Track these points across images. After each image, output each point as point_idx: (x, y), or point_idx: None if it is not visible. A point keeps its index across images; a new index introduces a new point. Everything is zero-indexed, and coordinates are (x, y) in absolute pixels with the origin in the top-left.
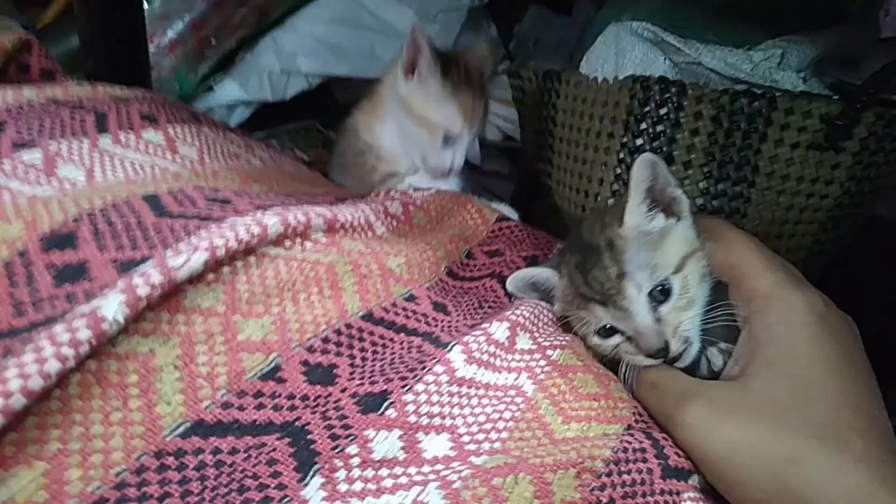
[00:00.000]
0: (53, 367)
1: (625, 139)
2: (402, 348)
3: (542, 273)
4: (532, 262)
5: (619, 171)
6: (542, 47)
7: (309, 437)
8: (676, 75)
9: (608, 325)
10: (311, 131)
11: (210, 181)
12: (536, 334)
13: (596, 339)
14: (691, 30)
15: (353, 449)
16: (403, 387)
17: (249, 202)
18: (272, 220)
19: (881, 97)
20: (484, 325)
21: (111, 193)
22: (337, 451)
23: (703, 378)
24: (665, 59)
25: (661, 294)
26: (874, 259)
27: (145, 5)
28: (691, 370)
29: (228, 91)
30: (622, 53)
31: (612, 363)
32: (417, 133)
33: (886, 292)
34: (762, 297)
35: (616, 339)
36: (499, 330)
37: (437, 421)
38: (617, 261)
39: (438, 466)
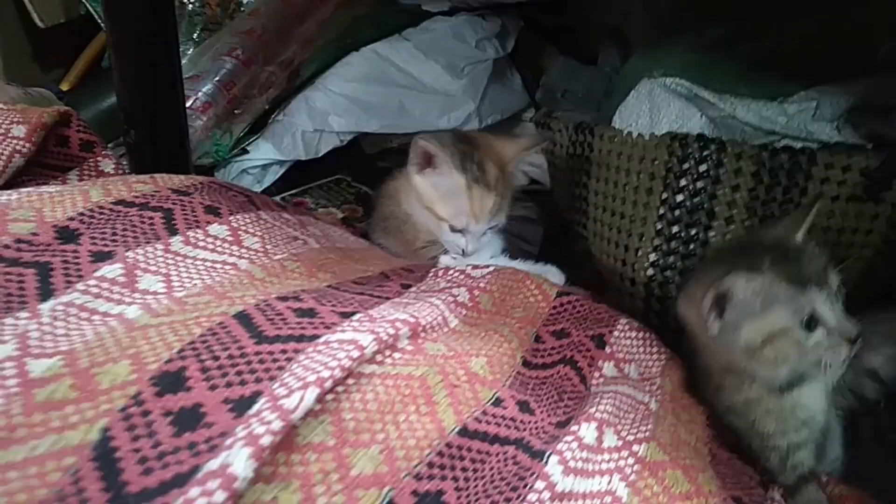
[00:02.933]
0: None
1: (665, 195)
2: (500, 461)
3: (756, 281)
4: (599, 340)
5: (659, 226)
6: (569, 97)
7: None
8: (713, 131)
9: (812, 318)
10: (342, 185)
11: (282, 280)
12: (620, 428)
13: (799, 335)
14: (724, 83)
15: None
16: None
17: (332, 309)
18: (367, 339)
19: None
20: (573, 428)
21: (203, 315)
22: None
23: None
24: (701, 115)
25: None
26: None
27: None
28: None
29: (263, 152)
30: (657, 109)
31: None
32: (428, 216)
33: None
34: None
35: (819, 333)
36: (588, 432)
37: None
38: (818, 256)
39: None
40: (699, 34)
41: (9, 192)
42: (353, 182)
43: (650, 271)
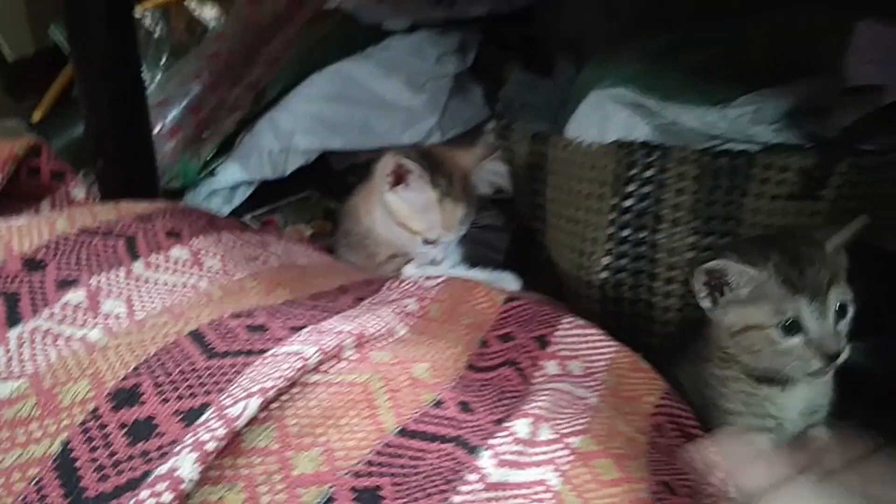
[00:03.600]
0: None
1: (614, 201)
2: (437, 458)
3: (739, 268)
4: (541, 341)
5: (611, 230)
6: (527, 109)
7: None
8: (658, 137)
9: (795, 323)
10: (311, 201)
11: (240, 298)
12: (556, 422)
13: (775, 335)
14: (668, 91)
15: None
16: (443, 500)
17: (283, 324)
18: (311, 351)
19: (853, 147)
20: (507, 424)
21: (159, 334)
22: None
23: None
24: (645, 122)
25: (840, 312)
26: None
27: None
28: None
29: (231, 173)
30: (605, 119)
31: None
32: (400, 232)
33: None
34: None
35: (797, 339)
36: (522, 427)
37: None
38: (829, 269)
39: None
40: (644, 45)
41: None
42: (321, 198)
43: (604, 274)
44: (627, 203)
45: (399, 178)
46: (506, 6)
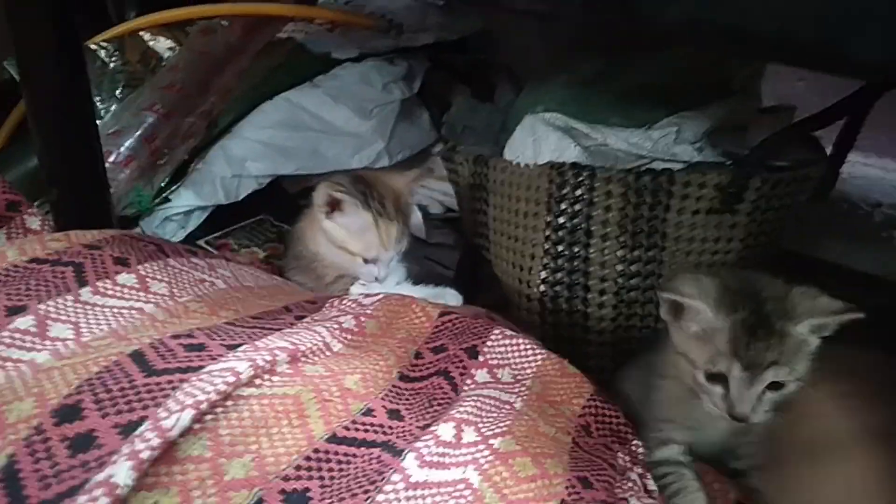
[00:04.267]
0: None
1: (548, 218)
2: (364, 461)
3: (699, 306)
4: (472, 351)
5: (546, 246)
6: (470, 132)
7: None
8: (587, 159)
9: (722, 376)
10: (265, 225)
11: (183, 321)
12: (480, 425)
13: (700, 378)
14: (596, 115)
15: None
16: (367, 500)
17: (221, 343)
18: (243, 367)
19: (766, 163)
20: (432, 428)
21: (102, 355)
22: None
23: None
24: (575, 145)
25: (775, 386)
26: None
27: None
28: None
29: (185, 199)
30: (539, 142)
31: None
32: (341, 254)
33: None
34: None
35: (718, 389)
36: (446, 430)
37: None
38: (778, 352)
39: None
40: (574, 72)
41: None
42: (275, 221)
43: (542, 287)
44: (560, 220)
45: (334, 206)
46: (452, 34)
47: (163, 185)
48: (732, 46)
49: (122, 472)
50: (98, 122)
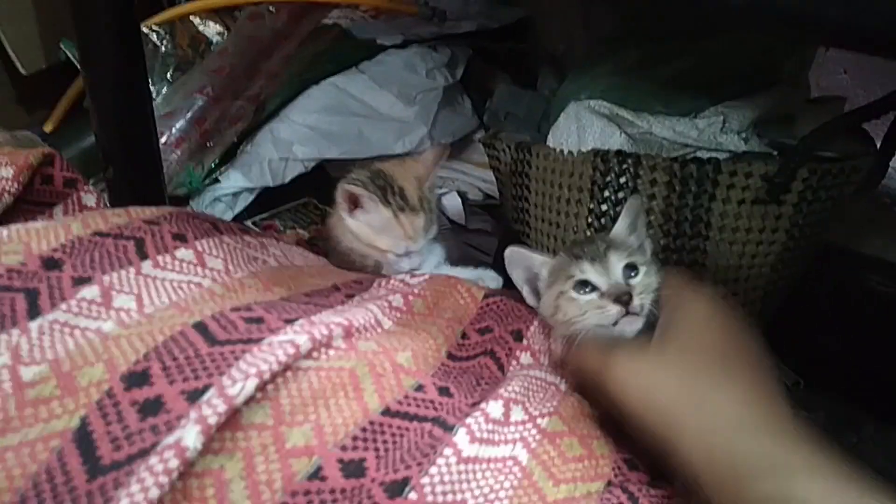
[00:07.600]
0: (155, 493)
1: (591, 205)
2: (417, 435)
3: (537, 259)
4: (517, 334)
5: (588, 233)
6: (512, 119)
7: None
8: (632, 146)
9: (588, 281)
10: (310, 207)
11: (240, 295)
12: (528, 405)
13: (573, 294)
14: (642, 103)
15: None
16: (420, 472)
17: (279, 317)
18: (302, 339)
19: (814, 154)
20: (482, 405)
21: (166, 325)
22: None
23: None
24: (620, 132)
25: (631, 271)
26: (827, 282)
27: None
28: None
29: (233, 181)
30: (583, 129)
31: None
32: (371, 251)
33: (838, 315)
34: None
35: (592, 295)
36: (495, 408)
37: (450, 497)
38: (605, 242)
39: None
40: (619, 59)
41: (0, 228)
42: (319, 204)
43: None
44: (603, 208)
45: (355, 203)
46: (494, 22)
47: (212, 166)
48: (794, 31)
49: (190, 436)
50: None
